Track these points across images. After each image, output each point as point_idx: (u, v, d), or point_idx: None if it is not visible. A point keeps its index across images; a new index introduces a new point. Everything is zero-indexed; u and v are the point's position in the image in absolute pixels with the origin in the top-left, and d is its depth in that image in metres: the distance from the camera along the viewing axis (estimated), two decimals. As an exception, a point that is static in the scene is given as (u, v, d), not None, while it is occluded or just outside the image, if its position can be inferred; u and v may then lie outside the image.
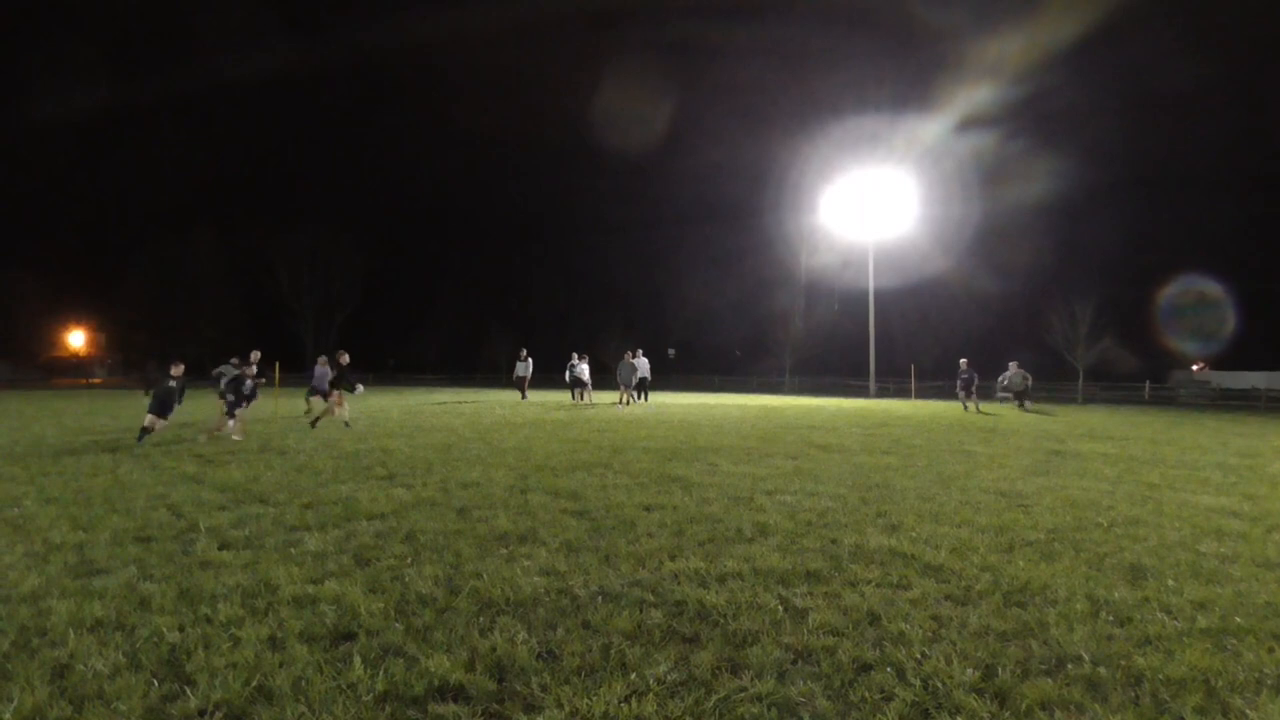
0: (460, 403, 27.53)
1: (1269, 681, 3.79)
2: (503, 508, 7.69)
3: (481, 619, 4.50)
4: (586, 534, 6.63)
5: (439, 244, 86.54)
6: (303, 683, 3.64)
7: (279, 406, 20.49)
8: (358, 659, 3.87)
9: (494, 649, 4.04)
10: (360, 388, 16.55)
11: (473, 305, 79.59)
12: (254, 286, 74.57)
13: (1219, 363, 64.80)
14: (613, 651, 4.03)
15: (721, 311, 71.80)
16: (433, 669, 3.77)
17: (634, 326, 69.28)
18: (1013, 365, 27.02)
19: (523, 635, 4.24)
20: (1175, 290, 60.52)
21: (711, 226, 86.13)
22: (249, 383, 14.93)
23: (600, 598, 4.91)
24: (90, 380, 65.17)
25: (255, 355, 16.06)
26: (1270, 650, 4.19)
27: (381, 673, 3.73)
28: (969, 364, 26.27)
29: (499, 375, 65.55)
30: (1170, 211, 66.46)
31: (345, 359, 16.26)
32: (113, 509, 7.51)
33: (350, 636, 4.23)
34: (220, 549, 6.04)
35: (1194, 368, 65.92)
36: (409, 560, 5.73)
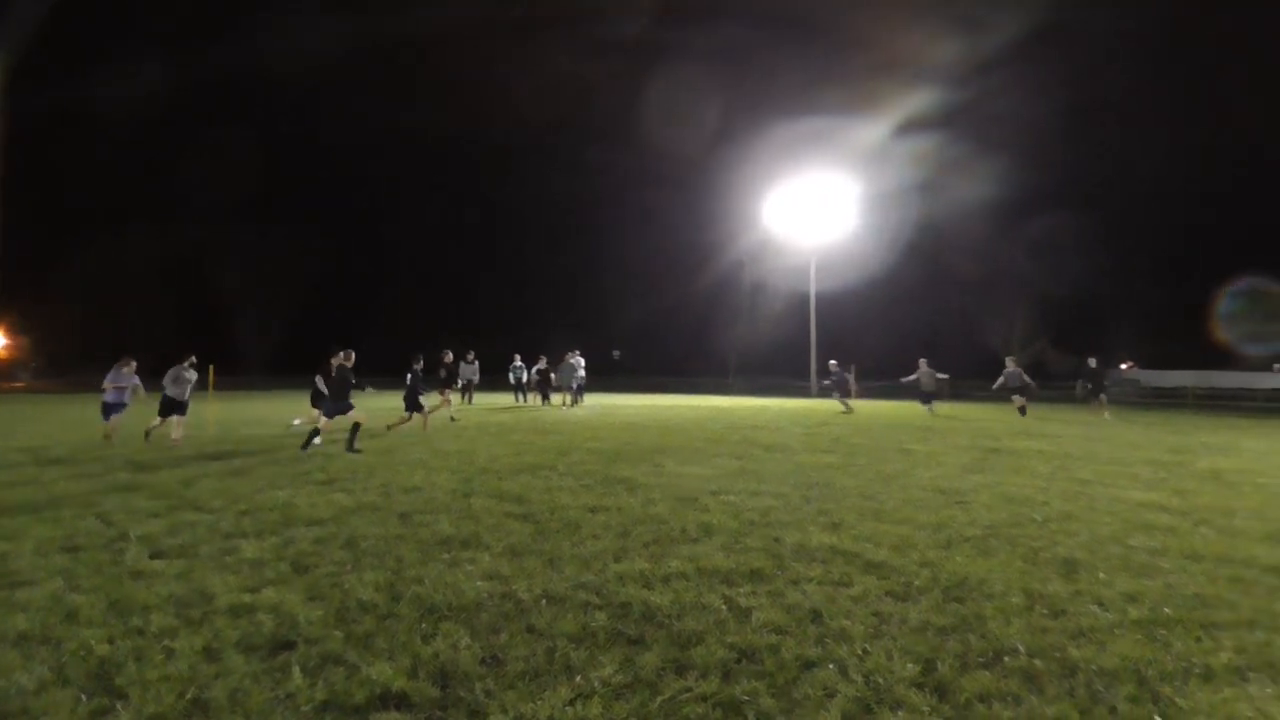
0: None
1: (1197, 670, 3.90)
2: (445, 512, 7.61)
3: (424, 625, 4.45)
4: (531, 537, 6.59)
5: (385, 246, 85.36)
6: (240, 694, 3.56)
7: (213, 412, 20.04)
8: (296, 668, 3.80)
9: (437, 655, 4.00)
10: (369, 389, 16.73)
11: (419, 307, 78.73)
12: (191, 286, 72.67)
13: (1148, 362, 66.67)
14: (557, 655, 4.01)
15: (668, 313, 72.06)
16: (374, 677, 3.72)
17: (581, 328, 69.21)
18: (922, 363, 25.39)
19: (466, 641, 4.20)
20: None
21: (657, 228, 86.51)
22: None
23: (545, 601, 4.88)
24: (13, 384, 63.05)
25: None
26: (1198, 640, 4.32)
27: (321, 682, 3.67)
28: (839, 365, 26.29)
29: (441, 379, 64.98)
30: (1103, 215, 68.13)
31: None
32: (38, 518, 7.27)
33: (289, 645, 4.14)
34: (152, 558, 5.88)
35: (1123, 366, 67.71)
36: (349, 567, 5.64)
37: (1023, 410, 23.10)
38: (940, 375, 26.25)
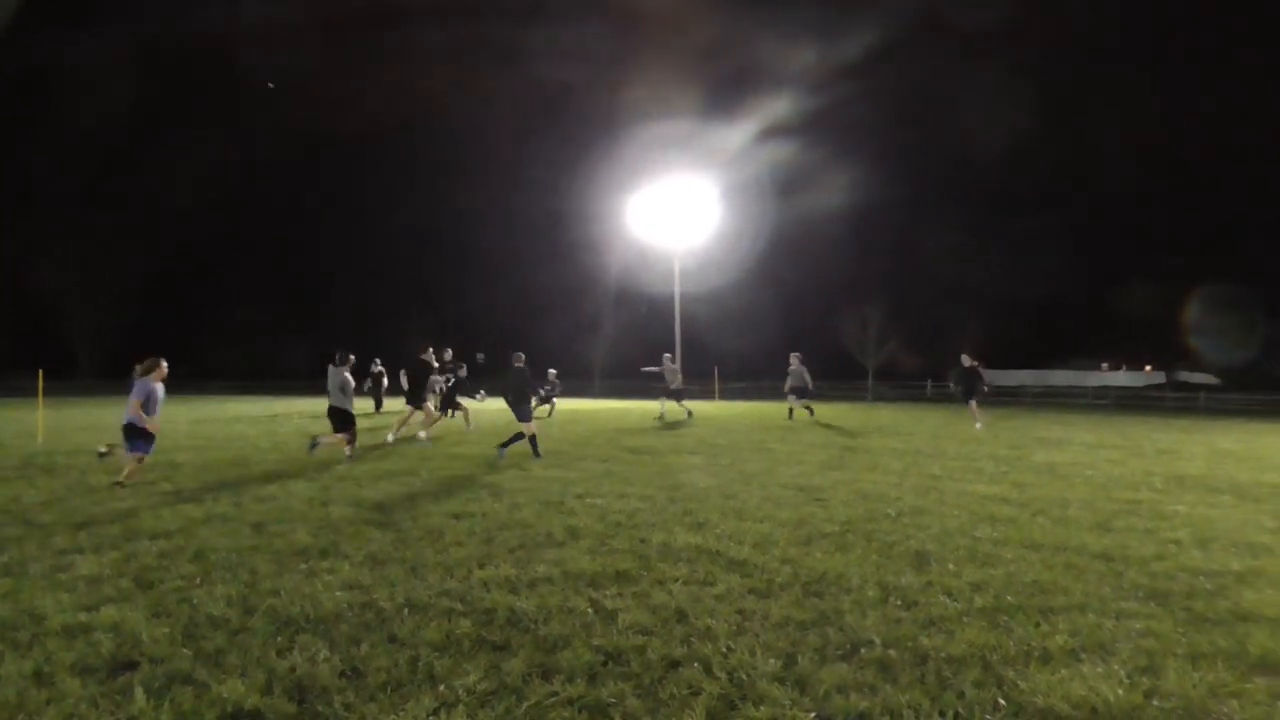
0: (274, 414, 26.13)
1: (1036, 653, 4.13)
2: (302, 521, 7.34)
3: (280, 639, 4.28)
4: (392, 545, 6.43)
5: (232, 245, 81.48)
6: (75, 719, 3.34)
7: (43, 419, 18.77)
8: (139, 689, 3.59)
9: (293, 669, 3.85)
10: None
11: (269, 310, 75.54)
12: (14, 287, 67.57)
13: (989, 361, 70.37)
14: (420, 664, 3.93)
15: (531, 315, 71.59)
16: (225, 695, 3.55)
17: (444, 331, 67.94)
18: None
19: (325, 653, 4.06)
20: None
21: (519, 228, 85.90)
22: None
23: (407, 610, 4.77)
24: None
25: None
26: (1037, 625, 4.58)
27: (167, 703, 3.48)
28: (556, 374, 26.04)
29: (298, 384, 62.64)
30: (953, 219, 71.58)
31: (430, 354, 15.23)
32: None
33: (131, 666, 3.91)
34: (-25, 578, 5.45)
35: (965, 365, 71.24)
36: (198, 580, 5.37)
37: (810, 410, 21.67)
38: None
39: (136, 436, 9.47)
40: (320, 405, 30.04)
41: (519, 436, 12.53)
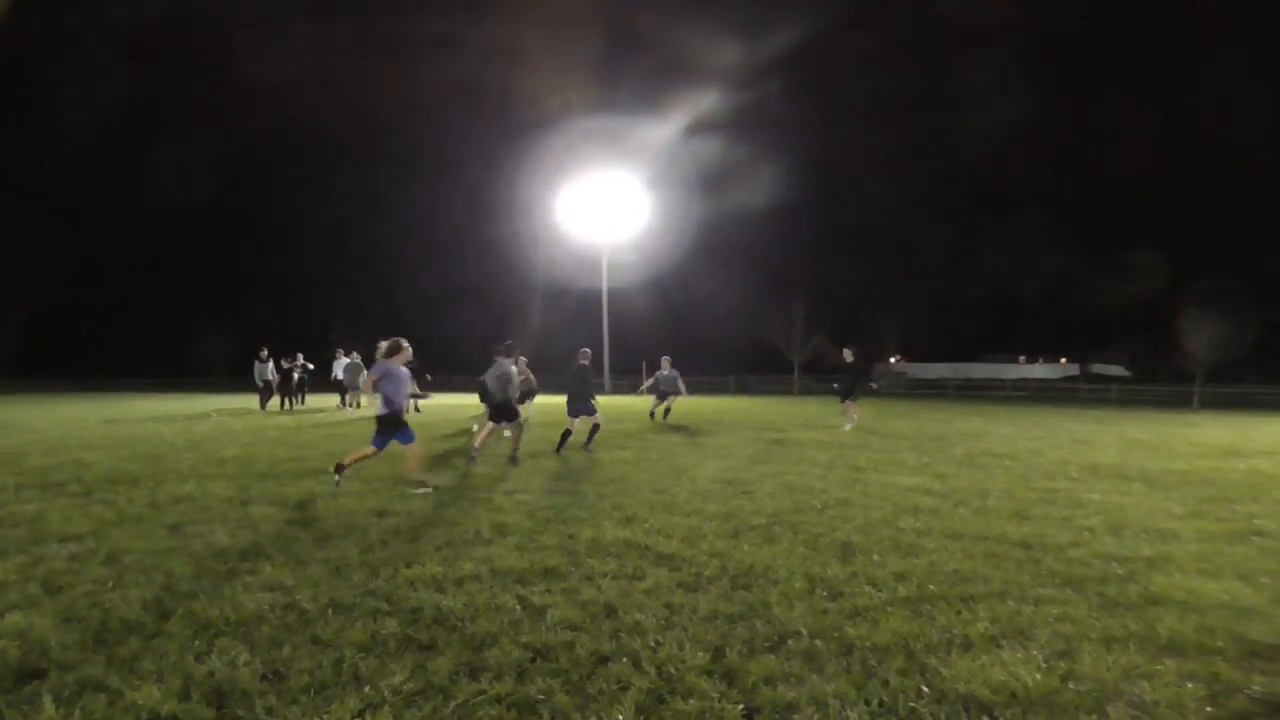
0: (191, 413, 25.38)
1: (958, 641, 4.22)
2: (221, 521, 7.14)
3: (198, 642, 4.15)
4: (315, 544, 6.29)
5: (146, 239, 78.80)
6: (-22, 732, 3.19)
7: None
8: (48, 698, 3.45)
9: (212, 674, 3.74)
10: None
11: (186, 306, 73.33)
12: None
13: (913, 355, 71.95)
14: (345, 665, 3.85)
15: (458, 309, 70.83)
16: (140, 701, 3.43)
17: (366, 328, 66.72)
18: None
19: (245, 656, 3.95)
20: None
21: (445, 223, 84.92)
22: None
23: (331, 610, 4.67)
24: None
25: None
26: (959, 613, 4.69)
27: (78, 711, 3.35)
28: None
29: (217, 381, 60.97)
30: (873, 217, 72.99)
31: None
32: None
33: (39, 674, 3.75)
34: None
35: (891, 360, 72.71)
36: (110, 584, 5.18)
37: (666, 413, 20.39)
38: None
39: (394, 428, 8.88)
40: (241, 401, 29.38)
41: (595, 429, 13.28)
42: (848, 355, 18.50)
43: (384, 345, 9.03)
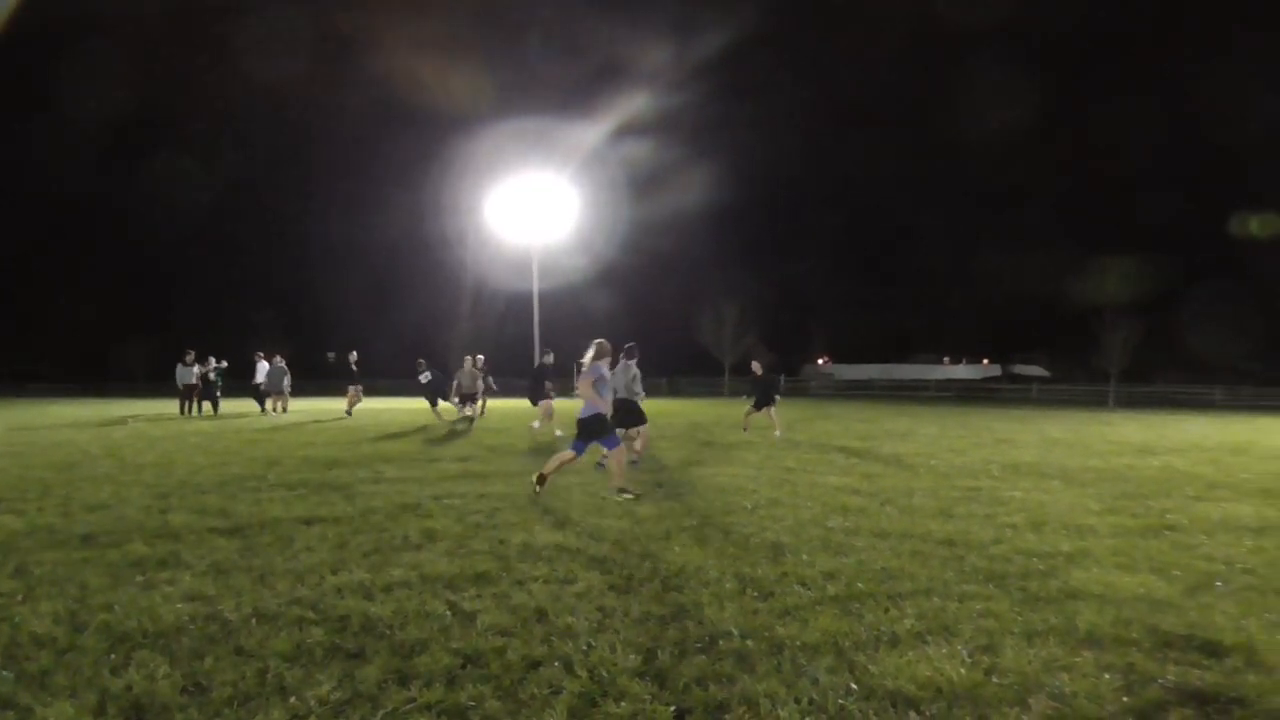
0: (108, 419, 24.54)
1: (886, 638, 4.29)
2: (138, 530, 6.91)
3: (114, 656, 4.01)
4: (238, 553, 6.13)
5: (60, 241, 76.05)
6: (-124, 755, 3.04)
7: None
8: (-48, 718, 3.31)
9: (129, 687, 3.61)
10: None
11: (103, 309, 70.89)
12: None
13: (841, 356, 73.07)
14: (269, 676, 3.76)
15: (384, 312, 69.86)
16: (51, 718, 3.31)
17: (293, 331, 65.32)
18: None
19: (165, 669, 3.83)
20: None
21: (373, 224, 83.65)
22: None
23: (254, 620, 4.56)
24: None
25: None
26: (886, 610, 4.76)
27: (-15, 731, 3.22)
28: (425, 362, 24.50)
29: (135, 386, 59.18)
30: (804, 220, 74.04)
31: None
32: None
33: (-57, 693, 3.60)
34: None
35: (819, 361, 73.76)
36: (20, 598, 4.98)
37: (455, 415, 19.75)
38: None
39: (598, 430, 8.84)
40: (160, 406, 28.54)
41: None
42: (756, 368, 17.99)
43: (593, 348, 9.18)
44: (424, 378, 20.63)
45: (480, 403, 21.23)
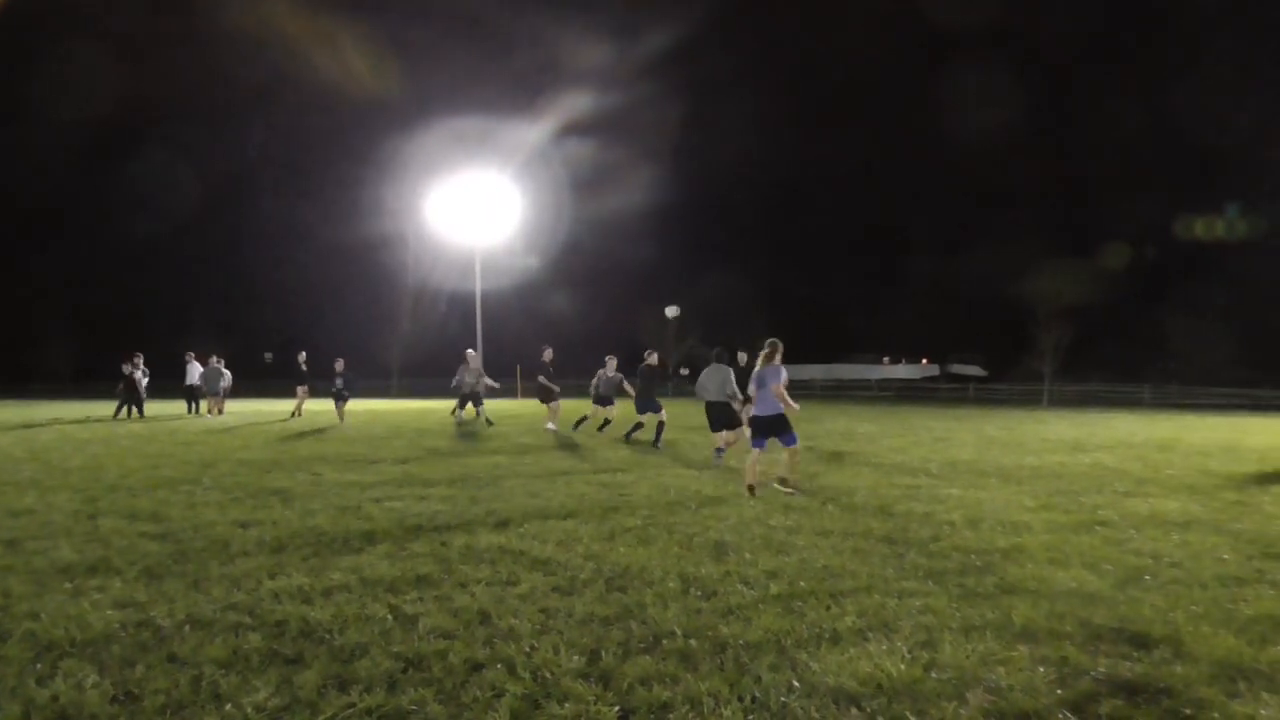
0: (29, 421, 23.76)
1: (827, 635, 4.33)
2: (65, 536, 6.70)
3: (40, 665, 3.88)
4: (171, 558, 5.98)
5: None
6: None
7: None
8: None
9: (56, 698, 3.50)
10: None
11: (21, 309, 68.55)
12: None
13: (782, 356, 73.67)
14: (204, 683, 3.66)
15: (324, 310, 68.72)
16: (-27, 732, 3.19)
17: (230, 330, 63.89)
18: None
19: (94, 678, 3.71)
20: None
21: (311, 222, 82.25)
22: None
23: (189, 626, 4.44)
24: None
25: None
26: (828, 608, 4.81)
27: (-99, 746, 3.09)
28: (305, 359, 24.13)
29: (60, 387, 57.40)
30: (746, 220, 74.67)
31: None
32: None
33: None
34: None
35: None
36: (-60, 607, 4.81)
37: (604, 424, 17.71)
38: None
39: (777, 428, 9.24)
40: (89, 408, 27.73)
41: (661, 426, 14.33)
42: (648, 356, 15.81)
43: (767, 348, 9.44)
44: (339, 381, 20.17)
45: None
